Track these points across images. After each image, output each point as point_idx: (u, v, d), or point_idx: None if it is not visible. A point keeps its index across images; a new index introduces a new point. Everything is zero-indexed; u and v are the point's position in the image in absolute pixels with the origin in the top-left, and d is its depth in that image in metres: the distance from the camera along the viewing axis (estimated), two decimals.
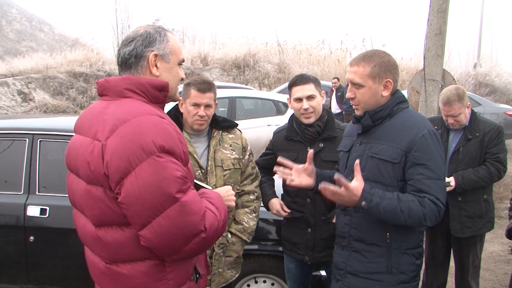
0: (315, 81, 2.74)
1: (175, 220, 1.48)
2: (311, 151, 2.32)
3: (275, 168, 2.39)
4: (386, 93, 2.15)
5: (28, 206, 3.20)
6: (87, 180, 1.59)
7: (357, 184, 2.00)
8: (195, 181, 1.94)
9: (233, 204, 1.96)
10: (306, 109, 2.68)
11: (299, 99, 2.70)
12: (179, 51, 1.76)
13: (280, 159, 2.37)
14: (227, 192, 1.93)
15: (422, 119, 2.18)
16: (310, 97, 2.69)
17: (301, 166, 2.31)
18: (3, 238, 3.27)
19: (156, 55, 1.68)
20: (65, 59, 17.14)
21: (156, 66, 1.69)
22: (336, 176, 2.00)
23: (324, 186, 2.01)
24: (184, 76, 1.81)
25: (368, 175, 2.13)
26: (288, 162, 2.33)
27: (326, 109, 2.83)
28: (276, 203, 2.80)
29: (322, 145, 2.72)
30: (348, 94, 2.21)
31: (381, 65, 2.12)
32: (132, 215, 1.51)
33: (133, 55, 1.67)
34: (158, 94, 1.68)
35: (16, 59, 17.82)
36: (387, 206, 1.99)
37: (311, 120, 2.70)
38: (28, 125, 3.59)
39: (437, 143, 2.10)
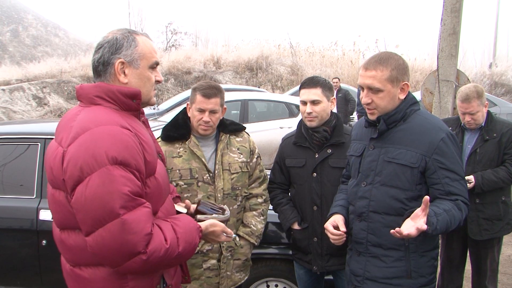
0: (324, 85, 2.67)
1: (114, 236, 1.48)
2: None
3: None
4: (403, 96, 2.12)
5: (41, 210, 3.22)
6: (52, 184, 1.65)
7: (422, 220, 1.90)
8: (176, 207, 1.89)
9: (219, 240, 1.88)
10: (309, 113, 2.65)
11: (304, 102, 2.69)
12: (151, 54, 1.71)
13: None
14: (216, 230, 1.84)
15: (438, 121, 2.17)
16: (314, 102, 2.64)
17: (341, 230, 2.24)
18: (17, 242, 3.30)
19: (123, 63, 1.65)
20: (79, 64, 17.35)
21: (124, 73, 1.67)
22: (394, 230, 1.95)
23: None
24: (161, 78, 1.78)
25: (385, 180, 2.11)
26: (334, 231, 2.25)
27: (335, 114, 2.78)
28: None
29: (330, 151, 2.68)
30: (365, 100, 2.14)
31: (398, 68, 2.09)
32: (79, 221, 1.53)
33: (101, 62, 1.66)
34: (129, 102, 1.66)
35: (31, 64, 18.07)
36: (442, 221, 1.95)
37: (313, 124, 2.67)
38: (40, 130, 3.61)
39: (455, 143, 2.11)
